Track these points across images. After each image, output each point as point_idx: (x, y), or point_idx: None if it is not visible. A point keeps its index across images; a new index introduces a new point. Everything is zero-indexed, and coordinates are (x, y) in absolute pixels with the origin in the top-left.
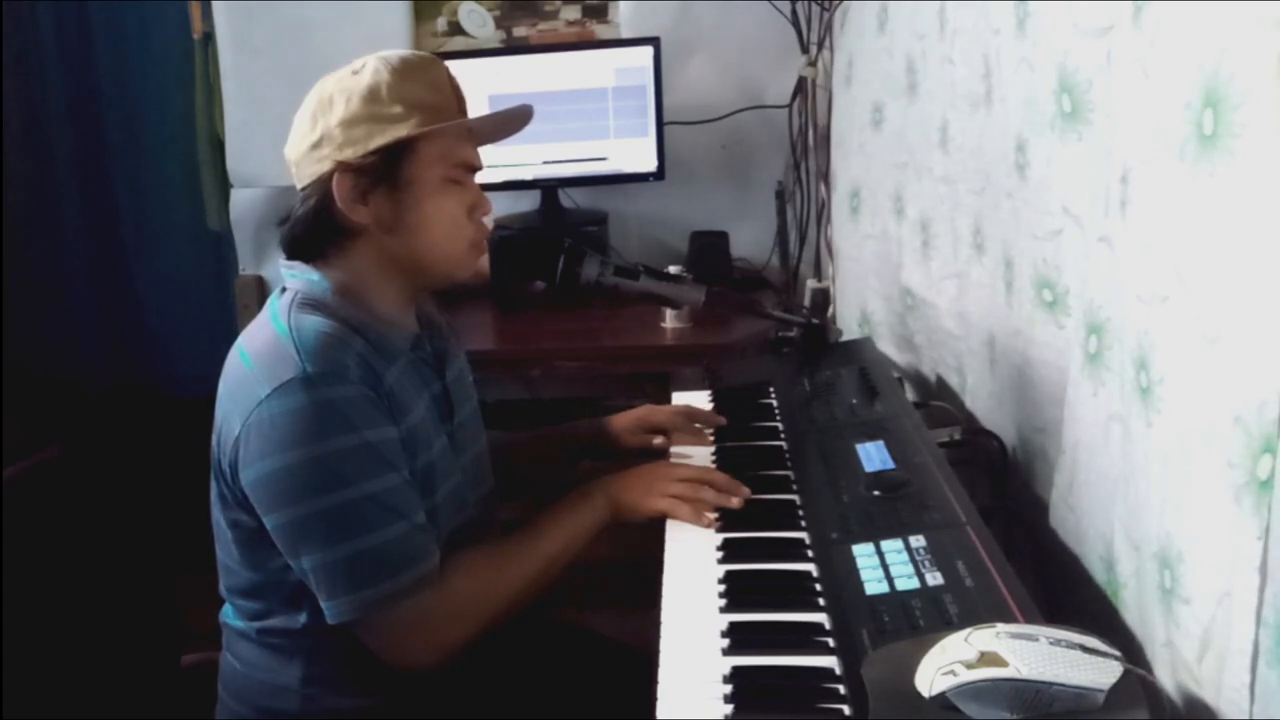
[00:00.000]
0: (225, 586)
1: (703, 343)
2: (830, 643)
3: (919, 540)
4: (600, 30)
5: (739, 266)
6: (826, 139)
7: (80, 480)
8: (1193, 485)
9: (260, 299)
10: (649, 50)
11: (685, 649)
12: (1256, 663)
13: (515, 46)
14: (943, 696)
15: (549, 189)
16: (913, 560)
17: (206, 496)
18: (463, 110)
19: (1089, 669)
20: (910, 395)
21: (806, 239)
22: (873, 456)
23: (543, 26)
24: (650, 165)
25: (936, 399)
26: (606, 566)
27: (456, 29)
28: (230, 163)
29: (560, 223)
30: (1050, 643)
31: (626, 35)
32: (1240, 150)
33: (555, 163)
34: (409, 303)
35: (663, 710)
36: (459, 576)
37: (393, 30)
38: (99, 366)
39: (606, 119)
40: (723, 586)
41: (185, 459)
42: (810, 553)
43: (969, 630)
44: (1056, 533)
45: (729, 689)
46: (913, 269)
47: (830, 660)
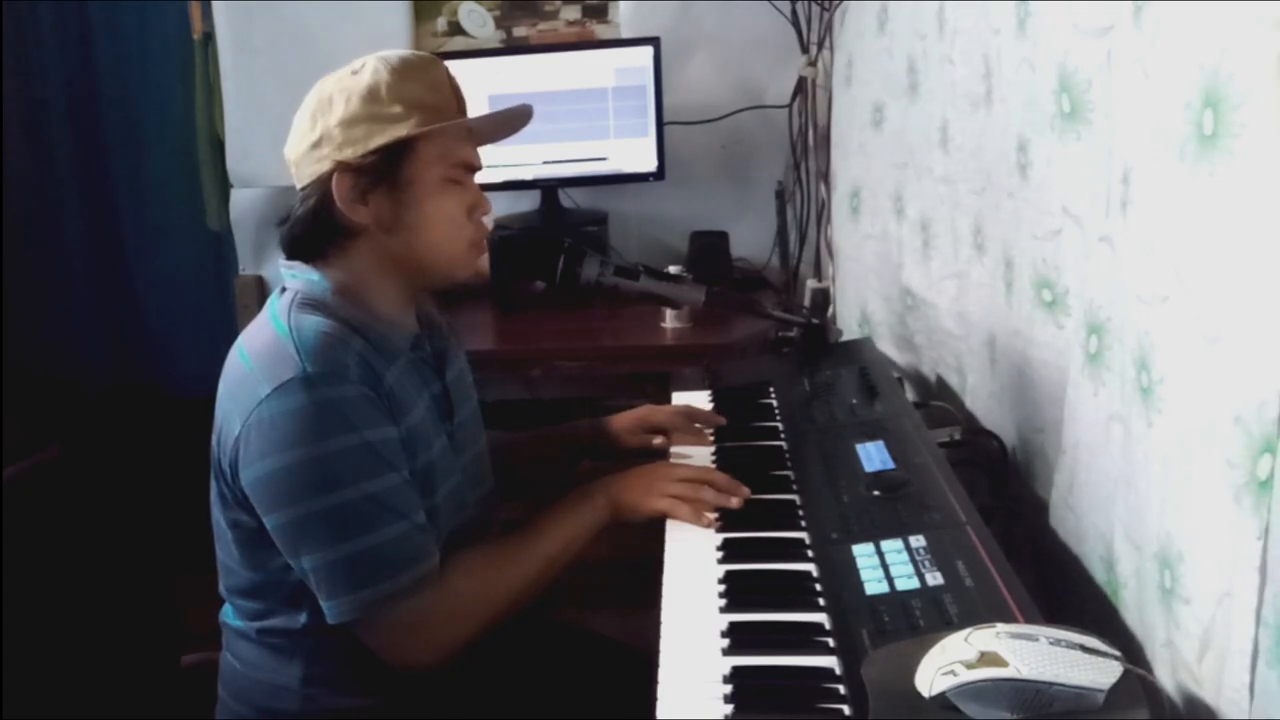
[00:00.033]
0: (225, 586)
1: (703, 343)
2: (830, 643)
3: (919, 540)
4: (600, 30)
5: (739, 266)
6: (826, 139)
7: (80, 480)
8: (1193, 485)
9: (260, 299)
10: (649, 50)
11: (685, 649)
12: (1256, 662)
13: (515, 46)
14: (943, 696)
15: (549, 189)
16: (913, 560)
17: (206, 496)
18: (462, 110)
19: (1089, 669)
20: (910, 395)
21: (806, 239)
22: (873, 456)
23: (543, 26)
24: (650, 165)
25: (936, 399)
26: (606, 566)
27: (456, 29)
28: (230, 163)
29: (560, 223)
30: (1050, 643)
31: (626, 35)
32: (1240, 150)
33: (555, 163)
34: (409, 303)
35: (663, 710)
36: (459, 576)
37: (393, 30)
38: (99, 366)
39: (606, 119)
40: (723, 586)
41: (185, 459)
42: (810, 553)
43: (969, 630)
44: (1056, 533)
45: (729, 689)
46: (913, 269)
47: (830, 660)
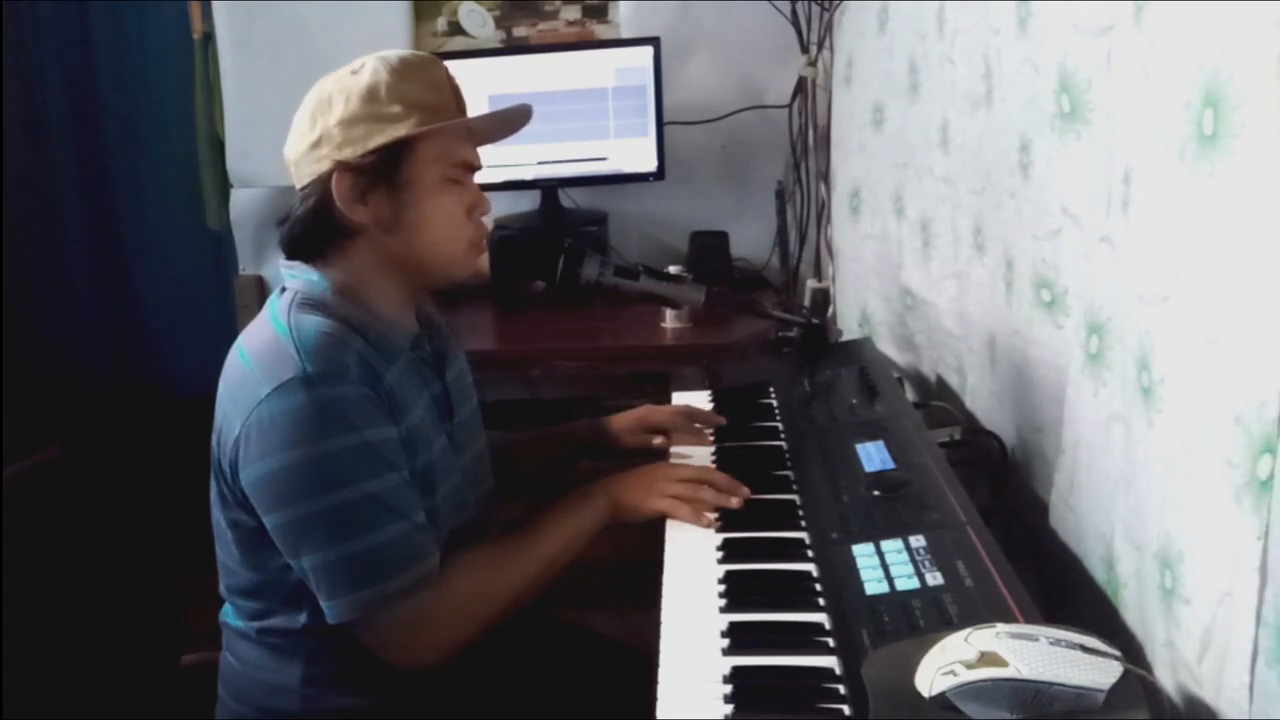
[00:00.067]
0: (225, 586)
1: (703, 343)
2: (830, 643)
3: (919, 540)
4: (600, 30)
5: (739, 266)
6: (826, 139)
7: (80, 480)
8: (1193, 485)
9: (260, 299)
10: (649, 50)
11: (685, 649)
12: (1256, 663)
13: (515, 46)
14: (943, 696)
15: (549, 189)
16: (913, 560)
17: (206, 496)
18: (462, 110)
19: (1089, 669)
20: (910, 395)
21: (806, 239)
22: (873, 456)
23: (543, 26)
24: (650, 165)
25: (936, 399)
26: (606, 566)
27: (456, 29)
28: (230, 163)
29: (560, 223)
30: (1050, 643)
31: (626, 35)
32: (1240, 150)
33: (555, 163)
34: (409, 302)
35: (663, 710)
36: (459, 576)
37: (393, 30)
38: (99, 366)
39: (606, 119)
40: (723, 586)
41: (185, 459)
42: (810, 553)
43: (969, 630)
44: (1056, 533)
45: (729, 689)
46: (913, 269)
47: (830, 660)
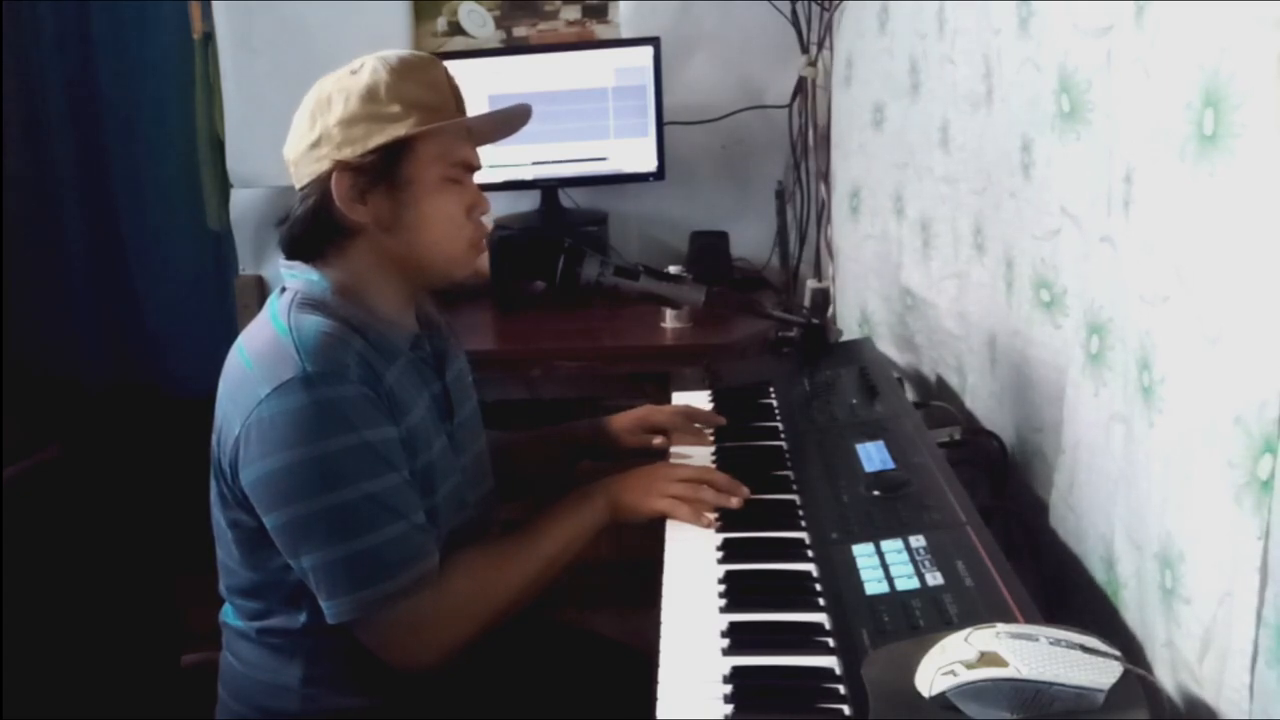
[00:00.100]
0: (225, 586)
1: (703, 343)
2: (830, 643)
3: (919, 540)
4: (600, 30)
5: (739, 266)
6: (826, 139)
7: (80, 480)
8: (1194, 485)
9: (260, 299)
10: (649, 50)
11: (685, 649)
12: (1256, 663)
13: (515, 46)
14: (943, 696)
15: (549, 189)
16: (913, 560)
17: (206, 496)
18: (461, 110)
19: (1089, 669)
20: (910, 395)
21: (806, 239)
22: (873, 456)
23: (543, 26)
24: (650, 165)
25: (936, 399)
26: (606, 566)
27: (456, 29)
28: (230, 163)
29: (560, 223)
30: (1050, 643)
31: (626, 35)
32: (1241, 150)
33: (555, 163)
34: (408, 302)
35: (663, 710)
36: (458, 577)
37: (393, 30)
38: (99, 366)
39: (606, 119)
40: (723, 586)
41: (185, 459)
42: (810, 553)
43: (969, 630)
44: (1056, 533)
45: (729, 689)
46: (912, 269)
47: (830, 660)
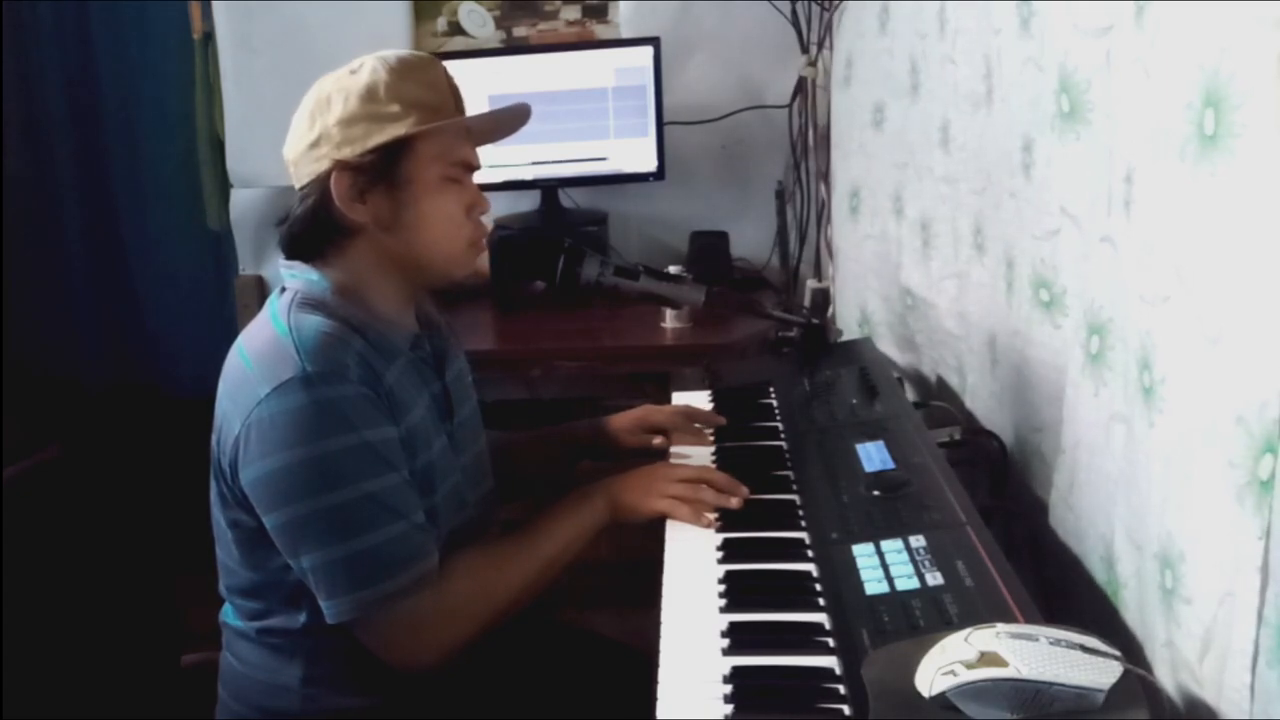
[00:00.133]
0: (225, 586)
1: (703, 343)
2: (830, 643)
3: (919, 540)
4: (600, 30)
5: (739, 266)
6: (826, 139)
7: (80, 480)
8: (1194, 485)
9: (260, 299)
10: (649, 50)
11: (685, 649)
12: (1257, 663)
13: (515, 46)
14: (943, 696)
15: (549, 189)
16: (913, 560)
17: (206, 496)
18: (460, 109)
19: (1089, 669)
20: (910, 395)
21: (806, 239)
22: (873, 456)
23: (543, 26)
24: (650, 165)
25: (936, 399)
26: (606, 566)
27: (456, 29)
28: (230, 163)
29: (560, 223)
30: (1050, 643)
31: (626, 35)
32: (1241, 150)
33: (555, 163)
34: (408, 302)
35: (663, 710)
36: (458, 577)
37: (393, 30)
38: (99, 366)
39: (606, 119)
40: (723, 586)
41: (185, 459)
42: (810, 553)
43: (969, 630)
44: (1056, 533)
45: (729, 689)
46: (912, 269)
47: (830, 660)
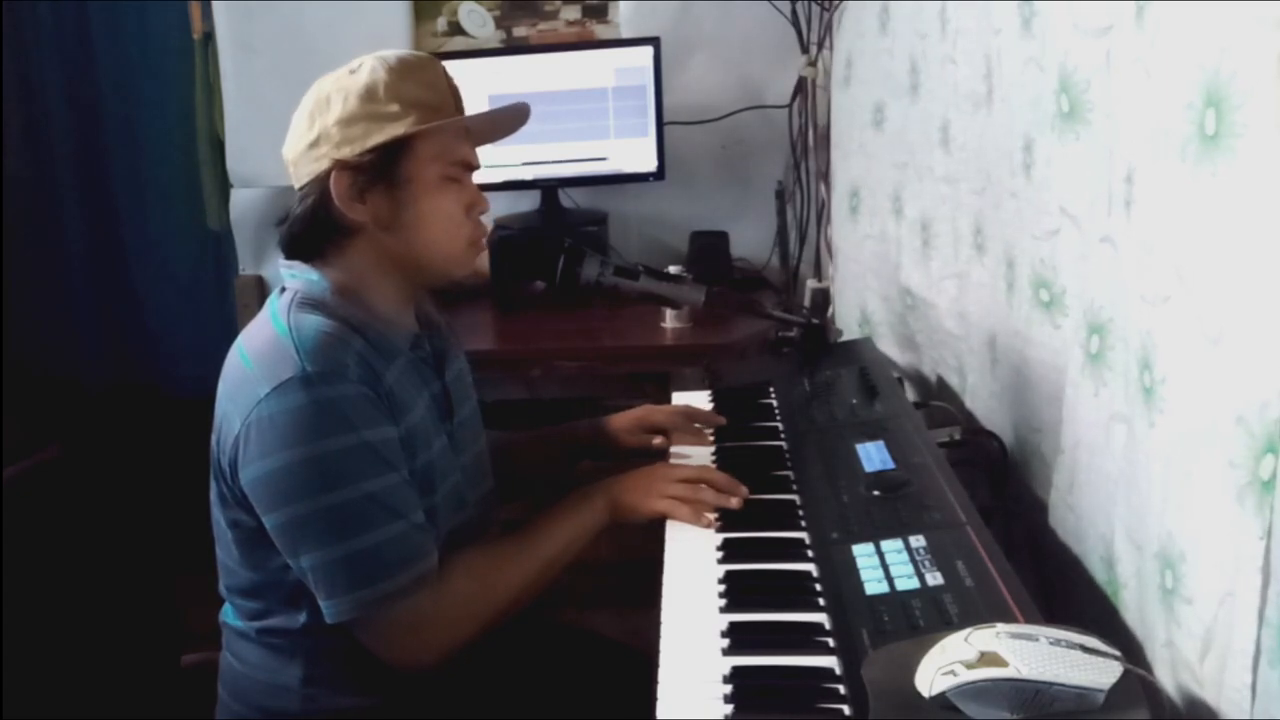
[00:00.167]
0: (225, 586)
1: (703, 343)
2: (830, 643)
3: (919, 540)
4: (600, 30)
5: (739, 266)
6: (826, 139)
7: (80, 480)
8: (1195, 485)
9: (260, 299)
10: (649, 50)
11: (685, 649)
12: (1258, 663)
13: (515, 46)
14: (943, 696)
15: (549, 189)
16: (913, 560)
17: (206, 496)
18: (460, 109)
19: (1089, 669)
20: (910, 395)
21: (806, 239)
22: (873, 456)
23: (543, 26)
24: (650, 165)
25: (936, 399)
26: (606, 566)
27: (456, 29)
28: (230, 163)
29: (560, 223)
30: (1050, 643)
31: (626, 35)
32: (1242, 150)
33: (555, 163)
34: (408, 302)
35: (663, 710)
36: (458, 577)
37: (393, 30)
38: (99, 366)
39: (606, 119)
40: (723, 586)
41: (185, 459)
42: (810, 553)
43: (969, 630)
44: (1056, 533)
45: (729, 689)
46: (912, 269)
47: (830, 660)
